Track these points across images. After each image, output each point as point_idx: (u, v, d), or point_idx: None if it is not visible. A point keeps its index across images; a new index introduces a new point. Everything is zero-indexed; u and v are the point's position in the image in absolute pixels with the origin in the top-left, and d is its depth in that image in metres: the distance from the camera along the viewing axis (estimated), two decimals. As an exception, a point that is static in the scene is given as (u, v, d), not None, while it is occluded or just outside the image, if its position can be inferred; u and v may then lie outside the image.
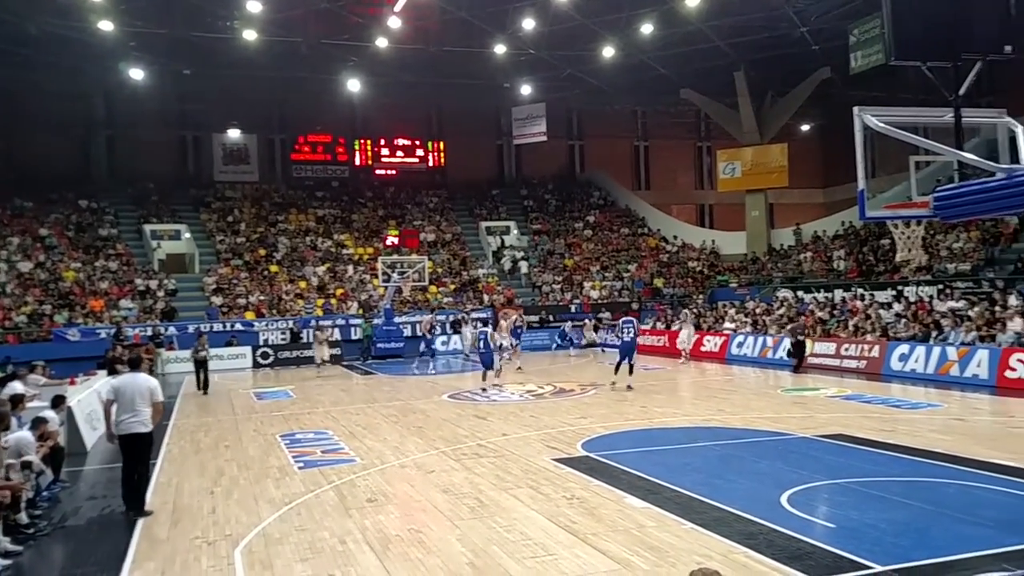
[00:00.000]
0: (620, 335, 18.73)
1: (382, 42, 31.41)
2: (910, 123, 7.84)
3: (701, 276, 36.02)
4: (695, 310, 29.28)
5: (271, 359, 28.57)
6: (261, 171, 39.58)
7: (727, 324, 27.04)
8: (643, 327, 30.36)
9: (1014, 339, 17.16)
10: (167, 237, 34.43)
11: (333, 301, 32.12)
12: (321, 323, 28.84)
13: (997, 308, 19.00)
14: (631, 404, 16.02)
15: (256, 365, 28.14)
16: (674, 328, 28.71)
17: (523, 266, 36.56)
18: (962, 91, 7.48)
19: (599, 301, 33.68)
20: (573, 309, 32.93)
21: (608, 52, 32.45)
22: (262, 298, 31.41)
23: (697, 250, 38.42)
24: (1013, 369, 16.25)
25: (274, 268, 33.83)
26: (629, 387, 17.83)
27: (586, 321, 31.04)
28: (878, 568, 6.18)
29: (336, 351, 28.19)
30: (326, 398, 18.89)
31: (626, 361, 18.19)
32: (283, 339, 29.50)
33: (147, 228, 34.42)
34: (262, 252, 34.63)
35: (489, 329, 18.24)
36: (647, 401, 16.41)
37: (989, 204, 7.31)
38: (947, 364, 17.62)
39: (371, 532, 7.81)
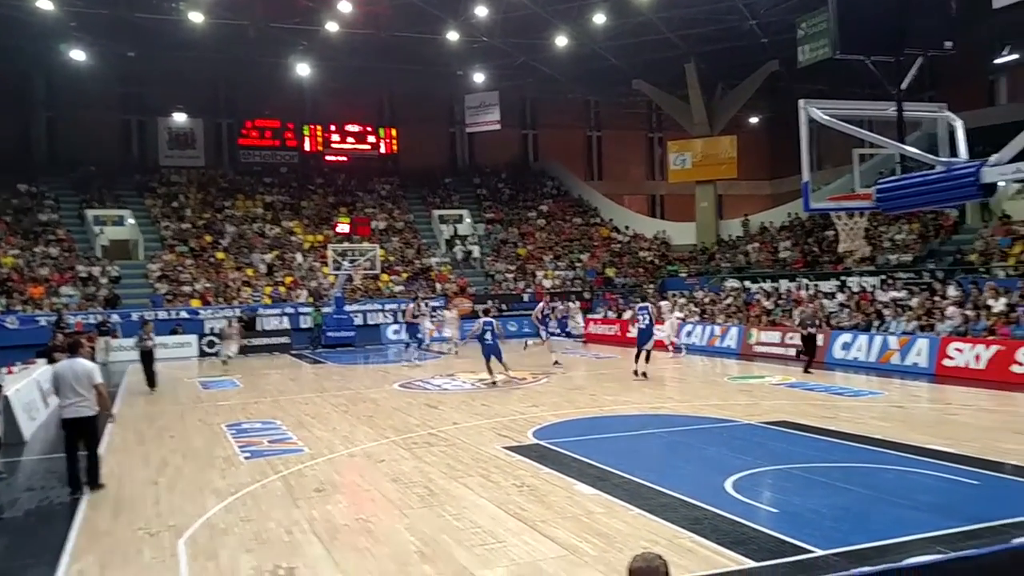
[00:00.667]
0: (636, 322, 18.09)
1: (332, 26, 30.94)
2: (854, 116, 7.99)
3: (652, 266, 36.40)
4: (676, 299, 27.90)
5: (217, 348, 28.03)
6: (207, 156, 38.75)
7: (677, 313, 27.35)
8: (595, 316, 30.67)
9: (952, 328, 17.71)
10: (110, 223, 33.50)
11: (281, 289, 31.67)
12: (232, 317, 27.27)
13: (936, 298, 19.58)
14: (582, 392, 16.14)
15: (202, 354, 27.61)
16: (625, 317, 28.96)
17: (475, 250, 36.42)
18: (904, 85, 7.64)
19: (552, 290, 33.80)
20: (526, 298, 32.99)
21: (561, 41, 32.47)
22: (208, 285, 30.81)
23: (648, 240, 38.79)
24: (951, 358, 16.79)
25: (220, 255, 33.19)
26: (644, 375, 17.46)
27: (569, 305, 28.73)
28: (819, 552, 6.33)
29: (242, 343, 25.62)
30: (273, 387, 18.64)
31: (643, 349, 17.62)
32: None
33: (89, 213, 33.44)
34: (208, 239, 33.95)
35: (494, 321, 17.84)
36: (597, 389, 16.56)
37: (928, 196, 7.50)
38: (888, 353, 18.11)
39: (318, 522, 7.74)
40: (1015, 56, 31.18)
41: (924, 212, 25.44)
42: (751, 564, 6.13)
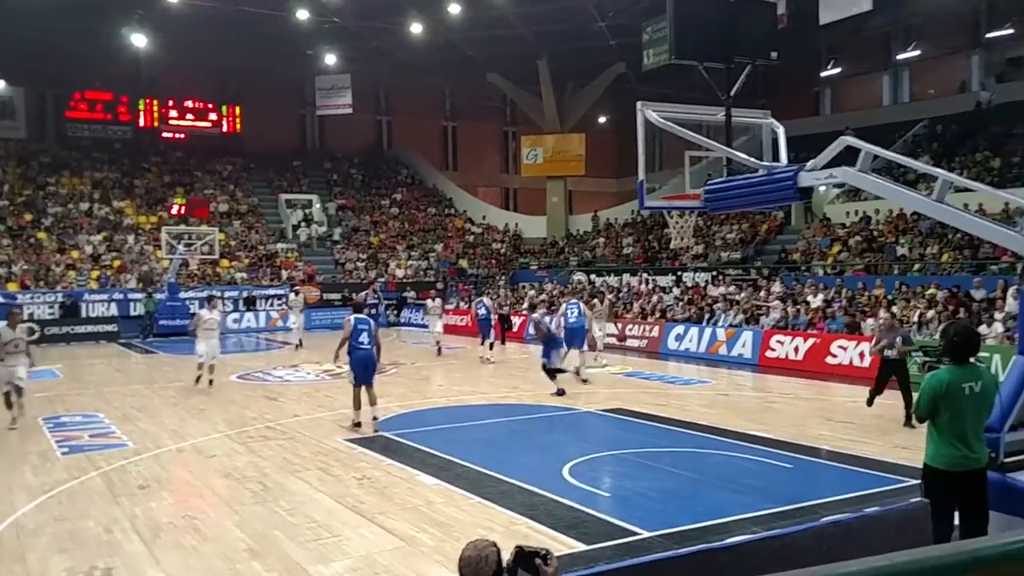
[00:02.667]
0: (564, 318, 15.86)
1: (173, -5, 29.13)
2: (689, 120, 8.41)
3: (504, 258, 36.86)
4: (609, 296, 23.69)
5: (36, 335, 25.82)
6: (29, 128, 35.54)
7: (526, 305, 27.89)
8: (448, 307, 30.68)
9: (774, 322, 19.05)
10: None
11: (109, 273, 29.60)
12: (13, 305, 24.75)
13: (762, 294, 21.00)
14: (429, 383, 16.12)
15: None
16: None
17: (317, 230, 35.41)
18: (733, 92, 8.10)
19: (404, 280, 33.53)
20: (377, 288, 32.49)
21: (416, 28, 32.16)
22: (27, 268, 28.33)
23: (501, 232, 39.23)
24: (773, 349, 18.05)
25: (42, 235, 30.58)
26: (579, 373, 15.41)
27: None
28: (646, 534, 6.62)
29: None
30: (98, 378, 17.42)
31: (566, 348, 15.45)
32: (51, 314, 26.83)
33: None
34: (28, 217, 31.18)
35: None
36: (445, 380, 16.60)
37: (751, 198, 8.00)
38: (716, 344, 19.25)
39: (141, 520, 7.30)
40: (838, 69, 33.87)
41: (752, 213, 27.18)
42: (582, 547, 6.33)
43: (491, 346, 19.48)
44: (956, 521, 5.36)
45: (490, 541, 2.92)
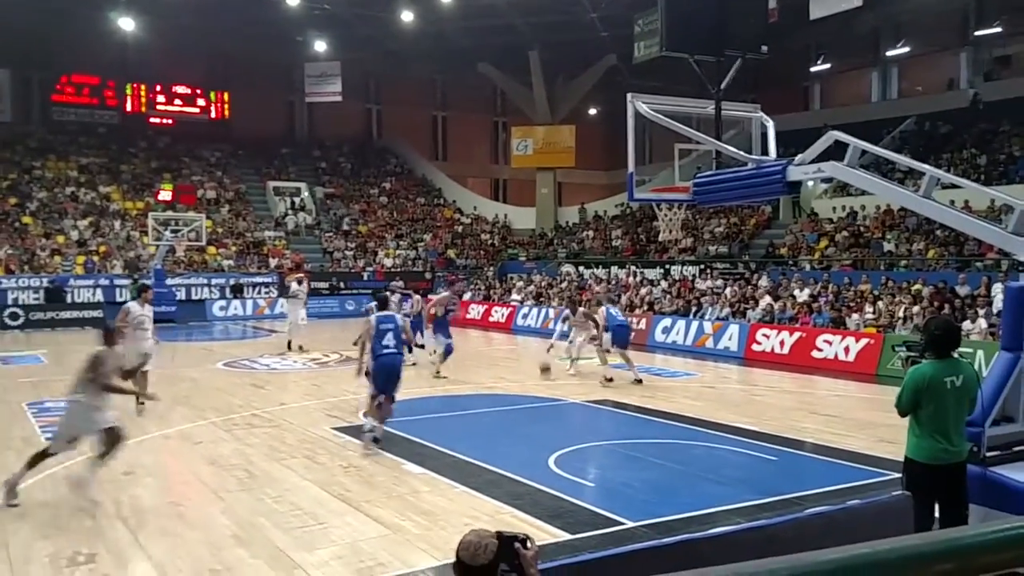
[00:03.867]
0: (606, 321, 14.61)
1: (162, -21, 28.87)
2: (679, 112, 8.43)
3: (493, 249, 36.83)
4: (611, 294, 21.68)
5: (22, 320, 25.72)
6: (15, 112, 35.13)
7: (514, 296, 27.93)
8: (432, 296, 30.63)
9: (761, 315, 19.15)
10: None
11: (96, 258, 29.39)
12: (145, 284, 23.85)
13: (749, 288, 21.10)
14: (416, 372, 16.08)
15: (3, 327, 25.21)
16: (465, 298, 29.20)
17: (304, 222, 35.25)
18: (724, 85, 8.12)
19: (392, 269, 33.45)
20: (366, 277, 32.47)
21: (407, 16, 32.01)
22: (12, 252, 28.08)
23: (490, 223, 39.19)
24: (759, 343, 18.16)
25: (27, 220, 30.32)
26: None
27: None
28: (629, 524, 6.65)
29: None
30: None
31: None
32: (36, 299, 26.64)
33: None
34: (13, 202, 30.88)
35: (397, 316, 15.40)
36: (431, 369, 16.55)
37: (740, 191, 8.04)
38: (703, 337, 19.34)
39: (125, 506, 7.29)
40: (827, 65, 33.99)
41: (741, 207, 27.27)
42: (566, 536, 6.36)
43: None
44: (937, 514, 5.42)
45: (494, 533, 2.92)
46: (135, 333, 11.50)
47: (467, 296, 29.80)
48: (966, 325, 15.00)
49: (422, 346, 16.70)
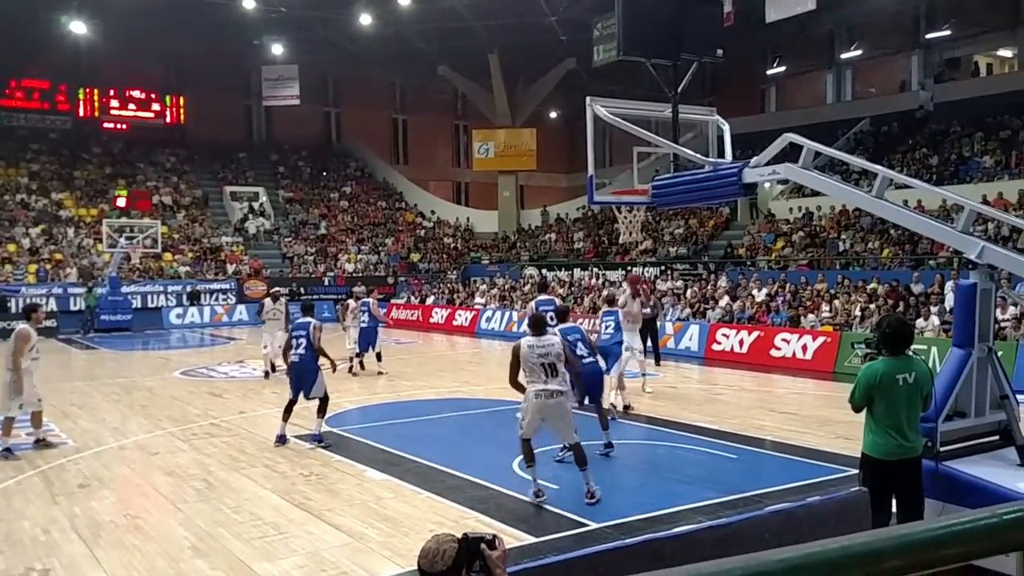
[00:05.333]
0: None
1: (114, -18, 28.32)
2: (638, 116, 8.49)
3: (456, 252, 36.76)
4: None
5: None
6: (-40, 116, 34.31)
7: (478, 299, 27.89)
8: (397, 301, 30.51)
9: (721, 315, 19.37)
10: None
11: (48, 267, 28.71)
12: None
13: (709, 288, 21.32)
14: (379, 378, 15.99)
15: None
16: (429, 302, 29.12)
17: (263, 227, 34.78)
18: (680, 88, 8.20)
19: (354, 274, 33.21)
20: (327, 282, 32.19)
21: (365, 19, 31.83)
22: (-41, 262, 27.35)
23: (452, 227, 39.12)
24: (719, 342, 18.35)
25: (-25, 228, 29.55)
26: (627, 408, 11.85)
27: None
28: (594, 525, 6.67)
29: None
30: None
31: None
32: (-16, 309, 25.94)
33: None
34: (-40, 209, 30.11)
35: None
36: (396, 374, 16.47)
37: (697, 193, 8.12)
38: (665, 337, 19.47)
39: (81, 519, 7.12)
40: (783, 68, 34.55)
41: (699, 209, 27.57)
42: (532, 539, 6.35)
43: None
44: (895, 509, 5.53)
45: (454, 537, 2.91)
46: (32, 365, 9.94)
47: (430, 300, 29.69)
48: (920, 322, 15.33)
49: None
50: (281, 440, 9.98)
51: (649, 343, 14.63)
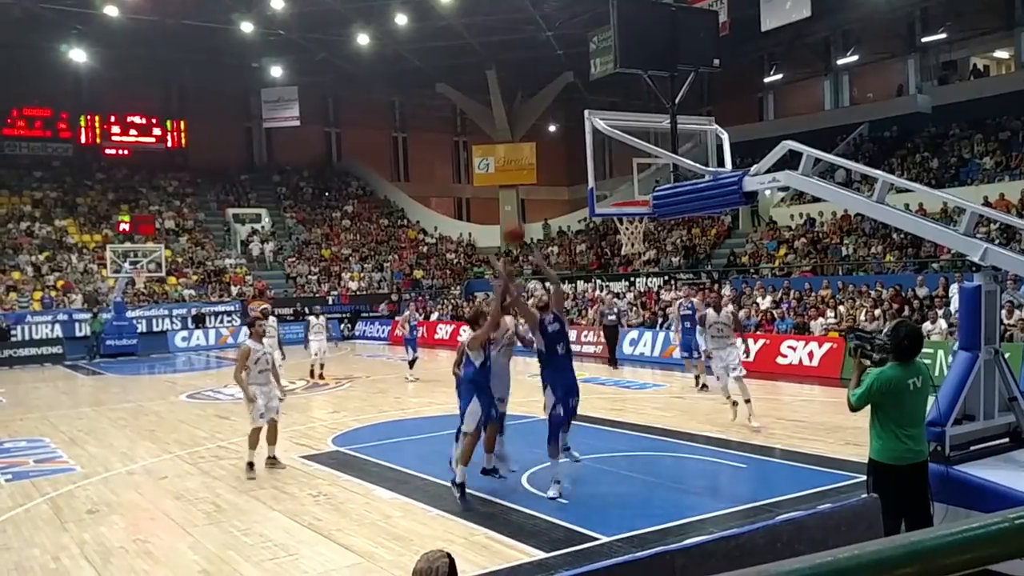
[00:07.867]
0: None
1: (112, 10, 28.50)
2: (636, 128, 8.52)
3: (458, 268, 36.79)
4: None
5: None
6: (-36, 146, 34.52)
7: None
8: (399, 319, 30.45)
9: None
10: None
11: (53, 293, 28.80)
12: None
13: (713, 297, 21.26)
14: (385, 396, 15.98)
15: (-44, 367, 24.55)
16: (433, 318, 29.09)
17: (266, 249, 34.85)
18: (678, 99, 8.23)
19: (358, 292, 33.25)
20: (331, 301, 32.22)
21: (363, 40, 32.03)
22: (-36, 291, 27.44)
23: (454, 242, 39.17)
24: (724, 351, 18.27)
25: (-21, 257, 29.67)
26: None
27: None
28: (604, 539, 6.63)
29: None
30: (43, 402, 16.89)
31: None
32: (-9, 337, 26.01)
33: None
34: (-36, 238, 30.22)
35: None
36: (401, 392, 16.47)
37: (698, 203, 8.13)
38: (670, 348, 19.42)
39: (90, 545, 7.10)
40: (780, 75, 34.64)
41: (701, 218, 27.59)
42: (541, 555, 6.32)
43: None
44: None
45: (443, 552, 2.92)
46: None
47: (435, 316, 29.68)
48: (926, 326, 15.29)
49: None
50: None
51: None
